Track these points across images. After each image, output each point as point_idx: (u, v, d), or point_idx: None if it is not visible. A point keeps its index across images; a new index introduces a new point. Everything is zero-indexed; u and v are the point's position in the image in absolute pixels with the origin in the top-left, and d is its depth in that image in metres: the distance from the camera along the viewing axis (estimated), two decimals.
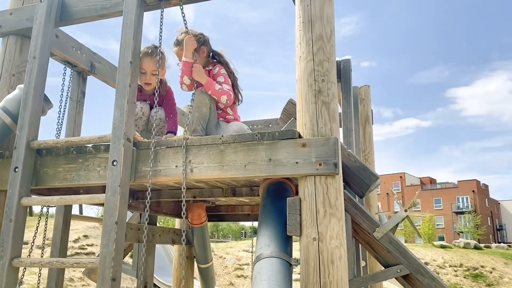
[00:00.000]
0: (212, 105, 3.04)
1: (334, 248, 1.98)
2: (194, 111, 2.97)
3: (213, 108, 3.05)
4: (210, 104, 3.00)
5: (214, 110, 3.08)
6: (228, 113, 3.16)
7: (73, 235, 13.46)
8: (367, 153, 4.57)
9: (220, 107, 3.13)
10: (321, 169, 2.05)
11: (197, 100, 2.96)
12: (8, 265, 2.28)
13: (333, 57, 2.25)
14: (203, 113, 2.99)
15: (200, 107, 2.97)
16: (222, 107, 3.12)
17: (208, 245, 4.64)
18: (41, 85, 2.57)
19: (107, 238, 2.15)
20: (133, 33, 2.42)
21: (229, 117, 3.17)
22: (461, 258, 18.34)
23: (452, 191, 59.35)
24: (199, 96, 2.96)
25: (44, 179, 2.50)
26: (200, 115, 2.98)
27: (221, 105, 3.08)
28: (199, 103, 2.96)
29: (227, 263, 15.18)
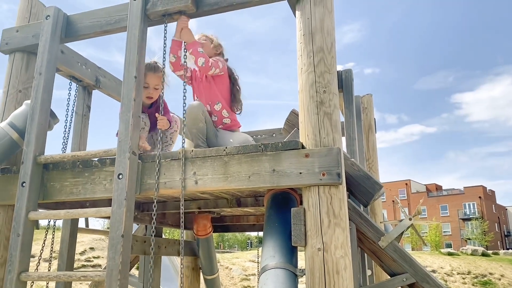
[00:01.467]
0: (206, 118, 3.09)
1: (339, 258, 1.99)
2: (191, 128, 3.00)
3: (208, 120, 3.10)
4: (204, 117, 3.04)
5: (209, 121, 3.12)
6: (224, 116, 3.18)
7: (79, 247, 13.49)
8: (371, 162, 4.58)
9: (214, 112, 3.16)
10: (325, 179, 2.07)
11: (191, 118, 2.98)
12: (16, 279, 2.31)
13: (334, 69, 2.28)
14: (200, 128, 3.03)
15: (196, 123, 3.01)
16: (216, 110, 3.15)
17: (213, 256, 4.64)
18: (47, 100, 2.61)
19: (113, 251, 2.17)
20: (137, 48, 2.46)
21: (226, 120, 3.19)
22: (469, 265, 18.17)
23: (458, 197, 58.95)
24: (191, 113, 2.98)
25: (51, 193, 2.53)
26: (197, 130, 3.02)
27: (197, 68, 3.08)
28: (194, 120, 2.99)
29: (233, 273, 15.13)
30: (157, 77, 3.04)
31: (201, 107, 3.07)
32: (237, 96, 3.24)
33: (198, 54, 2.92)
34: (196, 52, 2.91)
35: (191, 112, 3.00)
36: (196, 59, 2.94)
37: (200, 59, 2.92)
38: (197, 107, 3.03)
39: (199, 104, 3.09)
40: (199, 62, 2.93)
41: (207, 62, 2.96)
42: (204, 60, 2.93)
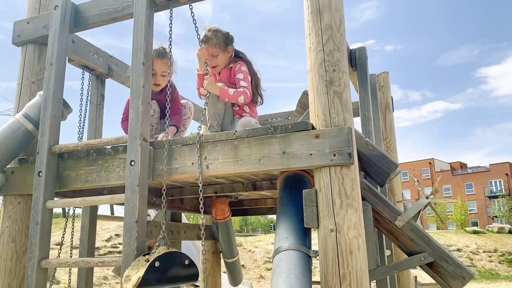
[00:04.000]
0: (227, 102, 3.05)
1: (352, 239, 1.97)
2: (210, 107, 2.99)
3: (228, 104, 3.06)
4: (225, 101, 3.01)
5: (229, 106, 3.08)
6: (245, 110, 3.16)
7: (105, 234, 13.84)
8: (388, 141, 4.50)
9: (236, 104, 3.14)
10: (336, 159, 2.04)
11: (212, 96, 2.97)
12: (37, 266, 2.37)
13: (343, 46, 2.23)
14: (219, 109, 3.00)
15: (215, 103, 2.99)
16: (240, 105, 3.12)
17: (233, 240, 4.68)
18: (59, 90, 2.64)
19: (129, 237, 2.20)
20: (144, 34, 2.45)
21: (245, 114, 3.17)
22: (495, 243, 17.88)
23: (484, 175, 57.79)
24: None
25: (67, 182, 2.58)
26: (215, 110, 3.00)
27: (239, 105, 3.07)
28: (214, 100, 2.98)
29: (256, 256, 15.29)
30: (164, 63, 3.03)
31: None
32: (258, 89, 3.18)
33: (234, 97, 2.92)
34: (232, 97, 2.92)
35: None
36: (236, 101, 2.95)
37: (240, 98, 2.92)
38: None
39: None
40: (240, 101, 2.94)
41: (246, 95, 2.95)
42: (243, 96, 2.93)
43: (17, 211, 2.72)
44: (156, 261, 2.05)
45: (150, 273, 2.01)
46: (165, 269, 2.10)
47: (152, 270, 2.02)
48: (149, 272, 2.00)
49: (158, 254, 2.09)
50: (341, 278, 1.92)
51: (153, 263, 2.03)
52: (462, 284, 2.49)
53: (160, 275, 2.07)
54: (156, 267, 2.04)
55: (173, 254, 2.20)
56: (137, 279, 1.96)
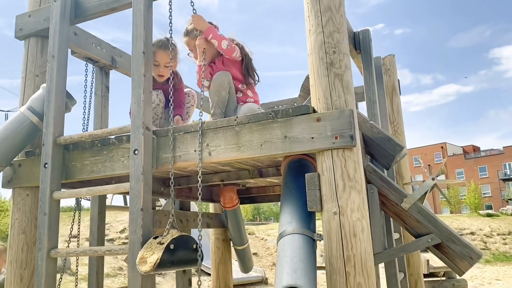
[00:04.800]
0: (231, 89, 3.04)
1: (355, 221, 1.96)
2: (213, 95, 2.99)
3: (232, 91, 3.05)
4: (228, 87, 3.00)
5: (233, 93, 3.07)
6: (248, 95, 3.15)
7: (119, 226, 14.01)
8: (396, 124, 4.45)
9: (239, 90, 3.13)
10: (338, 142, 2.02)
11: (216, 84, 2.97)
12: (47, 256, 2.41)
13: (343, 28, 2.20)
14: (222, 97, 3.00)
15: (219, 91, 2.98)
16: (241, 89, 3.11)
17: (242, 227, 4.70)
18: (62, 82, 2.65)
19: (134, 225, 2.22)
20: (143, 23, 2.45)
21: (249, 99, 3.16)
22: (509, 225, 17.72)
23: (497, 157, 57.09)
24: (218, 80, 2.97)
25: (73, 173, 2.60)
26: (219, 99, 2.99)
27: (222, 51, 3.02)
28: (218, 87, 2.97)
29: (268, 244, 15.36)
30: (167, 54, 3.02)
31: (228, 76, 3.04)
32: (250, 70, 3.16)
33: (220, 37, 2.92)
34: (218, 36, 2.91)
35: (217, 79, 3.01)
36: (219, 43, 2.93)
37: (224, 42, 2.92)
38: (223, 75, 3.02)
39: (226, 73, 3.06)
40: (223, 45, 2.92)
41: (231, 44, 2.95)
42: (227, 42, 2.93)
43: (26, 203, 2.76)
44: (171, 244, 2.08)
45: (167, 255, 2.06)
46: (178, 252, 2.15)
47: (168, 252, 2.07)
48: (166, 254, 2.05)
49: (172, 237, 2.13)
50: (346, 260, 1.92)
51: (168, 246, 2.07)
52: (470, 264, 2.48)
53: (174, 257, 2.12)
54: (171, 249, 2.09)
55: (185, 238, 2.24)
56: (154, 261, 2.01)
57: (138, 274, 2.17)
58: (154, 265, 2.01)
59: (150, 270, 2.03)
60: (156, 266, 2.02)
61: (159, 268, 2.05)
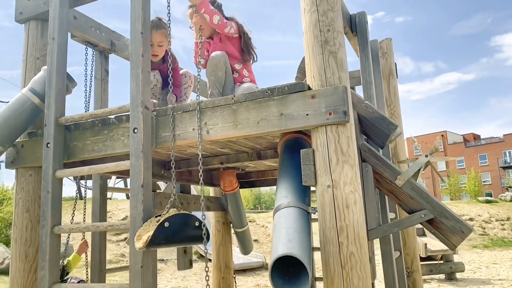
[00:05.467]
0: (227, 69, 3.09)
1: (348, 194, 2.03)
2: (210, 75, 3.04)
3: (228, 72, 3.10)
4: (225, 67, 3.06)
5: (229, 74, 3.12)
6: (244, 75, 3.20)
7: (121, 214, 14.13)
8: (392, 107, 4.51)
9: (235, 70, 3.17)
10: (331, 118, 2.08)
11: (212, 64, 3.02)
12: (50, 232, 2.48)
13: (337, 6, 2.24)
14: (219, 77, 3.05)
15: (215, 71, 3.04)
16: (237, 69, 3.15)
17: (242, 210, 4.78)
18: (62, 64, 2.70)
19: (135, 201, 2.29)
20: (141, 4, 2.49)
21: (246, 79, 3.21)
22: (508, 211, 17.83)
23: (497, 145, 57.08)
24: (213, 60, 3.02)
25: (74, 152, 2.67)
26: (216, 79, 3.05)
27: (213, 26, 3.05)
28: (214, 67, 3.03)
29: (269, 231, 15.49)
30: (160, 34, 3.08)
31: (224, 57, 3.09)
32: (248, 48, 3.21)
33: (212, 12, 2.94)
34: (210, 11, 2.93)
35: (213, 59, 3.06)
36: (210, 18, 2.95)
37: (215, 17, 2.94)
38: (219, 56, 3.07)
39: (222, 54, 3.10)
40: (215, 20, 2.94)
41: (222, 19, 2.97)
42: (219, 17, 2.95)
43: (29, 182, 2.83)
44: (165, 222, 2.15)
45: (159, 232, 2.11)
46: (175, 229, 2.20)
47: (161, 229, 2.13)
48: (158, 232, 2.11)
49: (168, 215, 2.20)
50: (339, 231, 1.99)
51: (162, 223, 2.14)
52: (462, 238, 2.55)
53: (169, 235, 2.18)
54: (166, 227, 2.14)
55: (183, 216, 2.30)
56: (146, 238, 2.07)
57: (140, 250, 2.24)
58: (146, 242, 2.08)
59: (143, 247, 2.09)
60: (148, 243, 2.08)
61: (152, 244, 2.11)
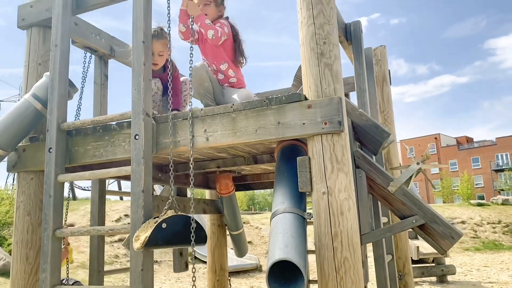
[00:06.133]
0: (211, 77, 3.20)
1: (343, 200, 2.11)
2: (198, 89, 3.15)
3: (213, 79, 3.22)
4: (208, 76, 3.16)
5: (214, 80, 3.25)
6: (230, 75, 3.29)
7: (114, 215, 14.15)
8: (386, 113, 4.60)
9: (220, 71, 3.26)
10: (327, 128, 2.16)
11: (196, 79, 3.12)
12: (52, 235, 2.54)
13: (333, 20, 2.33)
14: (206, 87, 3.16)
15: (202, 84, 3.14)
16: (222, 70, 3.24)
17: (237, 213, 4.86)
18: (65, 70, 2.77)
19: (136, 205, 2.36)
20: (143, 14, 2.56)
21: (232, 79, 3.30)
22: (499, 214, 18.04)
23: (490, 148, 57.61)
24: (196, 74, 3.11)
25: (76, 157, 2.73)
26: (204, 90, 3.15)
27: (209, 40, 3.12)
28: (199, 80, 3.13)
29: (263, 233, 15.57)
30: (160, 43, 3.14)
31: (205, 67, 3.21)
32: (240, 49, 3.29)
33: (207, 27, 3.01)
34: (205, 25, 3.01)
35: (196, 73, 3.14)
36: (205, 32, 3.03)
37: (210, 31, 3.02)
38: (200, 68, 3.17)
39: (202, 65, 3.22)
40: (209, 35, 3.02)
41: (217, 33, 3.04)
42: (214, 32, 3.02)
43: (31, 186, 2.89)
44: (163, 223, 2.22)
45: (157, 233, 2.18)
46: (172, 231, 2.27)
47: (159, 230, 2.20)
48: (156, 233, 2.18)
49: (165, 217, 2.26)
50: (333, 236, 2.07)
51: (160, 224, 2.21)
52: (451, 244, 2.64)
53: (167, 236, 2.25)
54: (163, 228, 2.21)
55: (181, 217, 2.37)
56: (144, 239, 2.14)
57: (140, 252, 2.32)
58: (143, 243, 2.15)
59: (140, 247, 2.17)
60: (146, 243, 2.15)
61: (150, 245, 2.18)
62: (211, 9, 3.23)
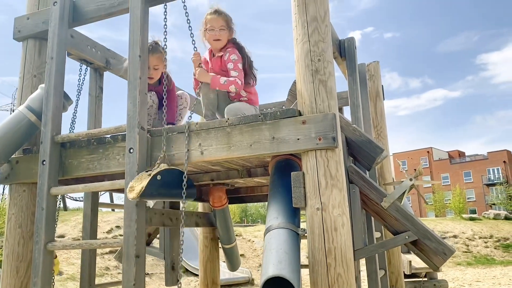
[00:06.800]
0: (220, 90, 3.17)
1: (336, 216, 2.12)
2: (203, 98, 3.14)
3: (222, 92, 3.17)
4: (217, 90, 3.13)
5: (224, 93, 3.17)
6: (242, 95, 3.24)
7: (106, 226, 14.02)
8: (379, 128, 4.64)
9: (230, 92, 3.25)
10: (321, 143, 2.18)
11: (205, 88, 3.11)
12: (44, 248, 2.52)
13: (328, 37, 2.36)
14: (211, 99, 3.14)
15: (207, 94, 3.13)
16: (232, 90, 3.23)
17: (230, 226, 4.83)
18: (60, 83, 2.77)
19: (129, 219, 2.35)
20: (140, 28, 2.58)
21: (243, 99, 3.27)
22: (491, 229, 18.13)
23: (482, 163, 58.05)
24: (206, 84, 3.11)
25: (69, 170, 2.72)
26: (208, 101, 3.14)
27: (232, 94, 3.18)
28: (206, 90, 3.12)
29: (255, 246, 15.49)
30: (155, 58, 3.16)
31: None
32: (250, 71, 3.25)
33: (226, 86, 3.01)
34: (223, 86, 3.02)
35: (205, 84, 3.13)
36: (227, 89, 3.04)
37: (231, 87, 3.02)
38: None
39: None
40: (231, 90, 3.03)
41: (236, 84, 3.02)
42: (234, 85, 3.01)
43: (23, 198, 2.87)
44: (158, 175, 2.27)
45: (152, 184, 2.23)
46: (166, 183, 2.32)
47: (154, 182, 2.24)
48: (151, 184, 2.22)
49: (160, 169, 2.30)
50: (327, 253, 2.07)
51: (155, 176, 2.25)
52: (444, 260, 2.65)
53: (160, 188, 2.29)
54: (158, 179, 2.26)
55: (174, 171, 2.40)
56: (140, 189, 2.18)
57: (132, 266, 2.30)
58: (139, 193, 2.20)
59: (136, 197, 2.21)
60: (142, 194, 2.20)
61: (145, 195, 2.24)
62: (225, 34, 3.17)
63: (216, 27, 3.12)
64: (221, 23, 3.14)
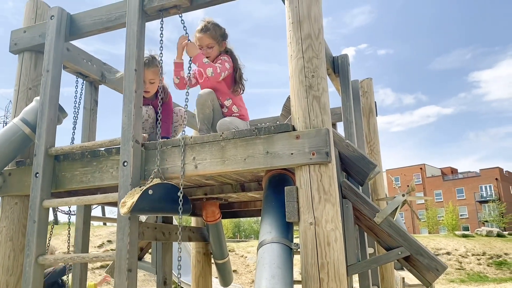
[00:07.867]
0: (215, 106, 3.21)
1: (329, 231, 2.12)
2: (199, 113, 3.16)
3: (216, 108, 3.21)
4: (212, 105, 3.17)
5: (218, 109, 3.22)
6: (233, 111, 3.29)
7: (97, 240, 13.88)
8: (372, 144, 4.68)
9: (225, 106, 3.28)
10: (314, 158, 2.20)
11: (200, 103, 3.14)
12: (34, 262, 2.50)
13: (322, 54, 2.40)
14: (206, 114, 3.16)
15: (203, 109, 3.15)
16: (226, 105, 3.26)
17: (223, 241, 4.81)
18: (55, 96, 2.78)
19: (122, 233, 2.34)
20: (136, 43, 2.61)
21: (235, 115, 3.31)
22: (483, 246, 18.15)
23: (474, 180, 58.37)
24: (201, 99, 3.14)
25: (62, 183, 2.71)
26: (203, 116, 3.16)
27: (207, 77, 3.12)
28: (202, 106, 3.14)
29: (248, 261, 15.38)
30: (151, 72, 3.18)
31: (211, 95, 3.20)
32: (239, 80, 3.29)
33: (205, 65, 3.04)
34: (203, 65, 3.04)
35: (201, 98, 3.18)
36: (204, 71, 3.06)
37: (208, 69, 3.04)
38: (206, 94, 3.18)
39: (210, 92, 3.21)
40: (208, 73, 3.05)
41: (215, 70, 3.06)
42: (212, 69, 3.05)
43: (15, 211, 2.85)
44: (149, 189, 2.26)
45: (143, 199, 2.23)
46: (158, 198, 2.31)
47: (145, 196, 2.24)
48: (142, 199, 2.22)
49: (152, 184, 2.29)
50: (320, 267, 2.07)
51: (146, 191, 2.25)
52: (436, 276, 2.65)
53: (153, 203, 2.29)
54: (150, 194, 2.26)
55: (166, 185, 2.39)
56: (131, 204, 2.18)
57: (124, 280, 2.28)
58: (130, 207, 2.20)
59: (127, 212, 2.22)
60: (133, 208, 2.20)
61: (136, 210, 2.24)
62: (213, 50, 3.24)
63: (203, 45, 3.20)
64: (208, 42, 3.23)
